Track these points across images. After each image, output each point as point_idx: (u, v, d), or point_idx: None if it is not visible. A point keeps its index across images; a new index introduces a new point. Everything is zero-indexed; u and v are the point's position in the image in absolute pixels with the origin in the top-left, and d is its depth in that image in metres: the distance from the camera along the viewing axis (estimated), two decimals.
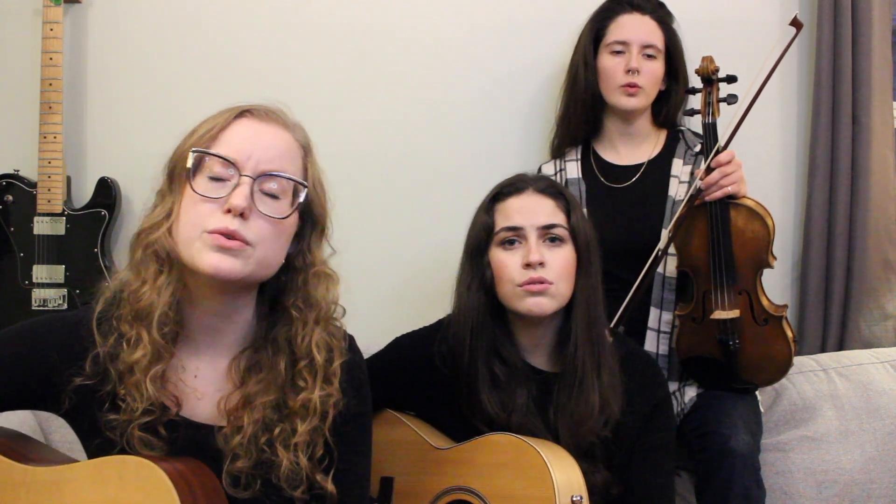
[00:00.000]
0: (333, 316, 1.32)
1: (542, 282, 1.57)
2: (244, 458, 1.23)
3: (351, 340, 1.37)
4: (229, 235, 1.17)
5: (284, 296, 1.29)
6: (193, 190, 1.20)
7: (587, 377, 1.60)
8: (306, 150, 1.31)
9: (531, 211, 1.62)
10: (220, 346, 1.29)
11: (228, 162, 1.21)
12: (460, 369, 1.64)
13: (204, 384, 1.28)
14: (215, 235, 1.17)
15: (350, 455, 1.32)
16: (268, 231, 1.21)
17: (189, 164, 1.21)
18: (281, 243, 1.25)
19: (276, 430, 1.24)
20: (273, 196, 1.22)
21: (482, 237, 1.65)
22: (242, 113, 1.27)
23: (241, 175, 1.20)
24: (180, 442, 1.24)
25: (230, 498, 1.22)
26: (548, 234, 1.61)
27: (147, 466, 1.15)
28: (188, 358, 1.28)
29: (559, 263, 1.59)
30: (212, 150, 1.22)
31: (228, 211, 1.18)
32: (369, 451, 1.39)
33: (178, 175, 1.24)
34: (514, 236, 1.61)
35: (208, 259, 1.18)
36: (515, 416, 1.61)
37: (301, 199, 1.25)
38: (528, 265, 1.57)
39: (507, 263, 1.60)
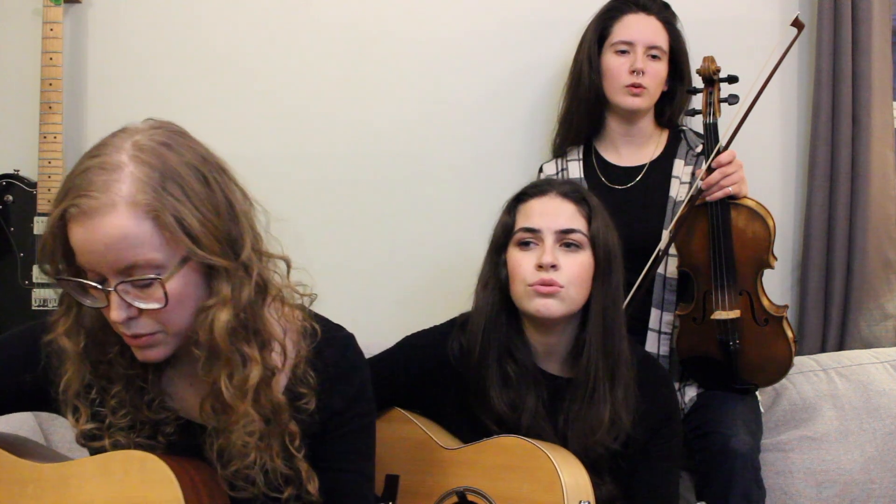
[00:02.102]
0: (225, 346, 1.17)
1: (551, 284, 1.56)
2: (236, 459, 1.21)
3: (332, 331, 1.31)
4: (136, 337, 1.14)
5: None
6: (80, 303, 1.16)
7: (599, 388, 1.59)
8: (152, 206, 1.09)
9: (551, 214, 1.61)
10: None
11: (90, 283, 1.12)
12: (472, 365, 1.64)
13: (199, 389, 1.26)
14: (130, 340, 1.15)
15: (336, 442, 1.30)
16: (163, 315, 1.13)
17: (66, 287, 1.15)
18: (186, 307, 1.15)
19: (241, 424, 1.20)
20: (146, 285, 1.11)
21: (501, 236, 1.65)
22: (63, 217, 1.09)
23: (106, 291, 1.11)
24: (179, 444, 1.24)
25: (230, 499, 1.22)
26: (565, 238, 1.60)
27: (152, 461, 1.16)
28: (184, 366, 1.26)
29: (573, 269, 1.58)
30: (74, 276, 1.13)
31: None
32: (362, 440, 1.36)
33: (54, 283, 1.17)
34: (531, 238, 1.61)
35: (136, 354, 1.17)
36: (525, 418, 1.61)
37: (164, 282, 1.11)
38: (540, 266, 1.57)
39: (521, 263, 1.60)
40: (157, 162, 1.11)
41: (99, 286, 1.11)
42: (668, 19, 2.14)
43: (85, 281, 1.11)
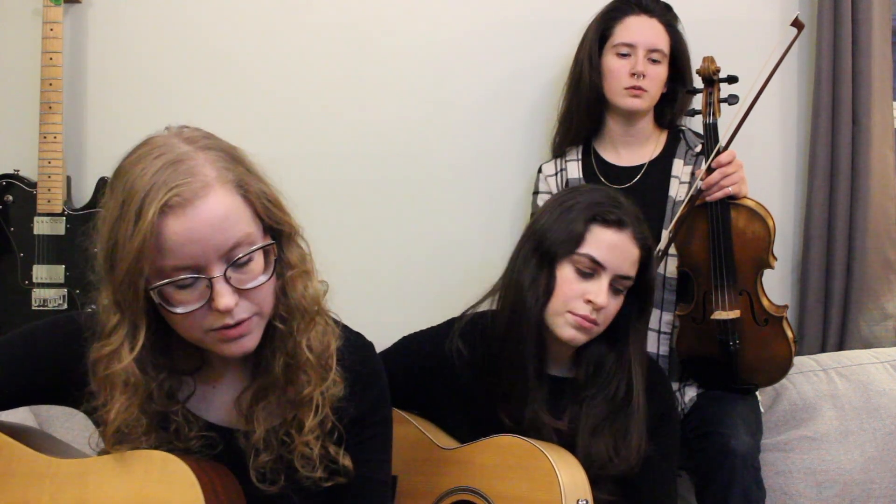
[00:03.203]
0: (317, 310, 1.23)
1: (595, 323, 1.59)
2: (266, 452, 1.22)
3: (353, 337, 1.33)
4: (238, 324, 1.13)
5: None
6: (172, 313, 1.11)
7: (620, 415, 1.63)
8: (238, 179, 1.12)
9: (620, 255, 1.60)
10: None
11: (197, 276, 1.10)
12: (496, 339, 1.64)
13: (223, 391, 1.27)
14: (220, 332, 1.13)
15: (356, 447, 1.30)
16: (260, 294, 1.15)
17: (157, 299, 1.10)
18: (272, 288, 1.18)
19: (289, 420, 1.23)
20: (246, 262, 1.12)
21: (563, 246, 1.61)
22: (162, 212, 1.06)
23: (210, 278, 1.10)
24: (202, 450, 1.23)
25: (260, 493, 1.22)
26: (619, 283, 1.61)
27: (172, 461, 1.15)
28: (208, 372, 1.27)
29: (611, 310, 1.62)
30: (168, 279, 1.09)
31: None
32: (381, 446, 1.36)
33: (130, 303, 1.10)
34: (593, 271, 1.60)
35: (225, 350, 1.16)
36: (528, 411, 1.61)
37: (271, 248, 1.15)
38: (589, 302, 1.58)
39: (573, 288, 1.60)
40: (215, 145, 1.14)
41: (202, 276, 1.09)
42: (669, 22, 2.14)
43: (195, 276, 1.09)
